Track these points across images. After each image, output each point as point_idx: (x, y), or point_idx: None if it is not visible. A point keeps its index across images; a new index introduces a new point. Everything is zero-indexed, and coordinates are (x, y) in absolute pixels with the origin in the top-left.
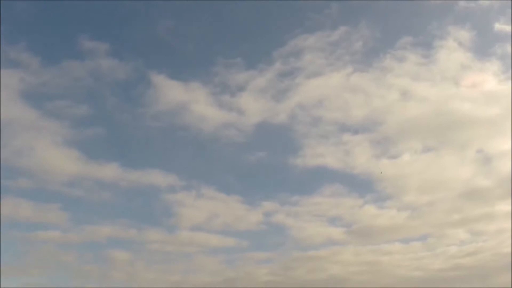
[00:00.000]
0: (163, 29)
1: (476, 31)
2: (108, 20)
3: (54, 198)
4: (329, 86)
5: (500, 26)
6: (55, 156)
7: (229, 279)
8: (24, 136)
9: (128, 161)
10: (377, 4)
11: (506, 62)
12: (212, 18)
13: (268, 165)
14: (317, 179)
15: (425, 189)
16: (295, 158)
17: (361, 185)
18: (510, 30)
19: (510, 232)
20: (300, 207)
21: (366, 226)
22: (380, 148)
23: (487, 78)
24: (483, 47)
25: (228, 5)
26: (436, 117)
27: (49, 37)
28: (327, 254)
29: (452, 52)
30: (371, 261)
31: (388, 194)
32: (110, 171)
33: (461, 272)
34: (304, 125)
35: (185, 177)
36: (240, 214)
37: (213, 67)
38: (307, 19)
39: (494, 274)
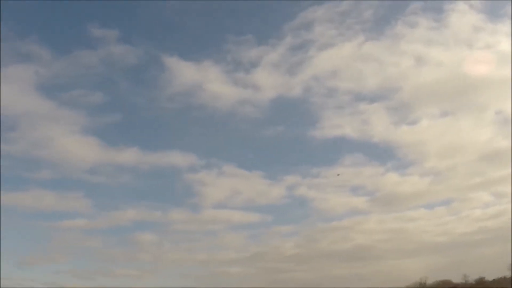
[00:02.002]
0: (171, 10)
1: None
2: (115, 6)
3: (76, 186)
4: (342, 57)
5: None
6: (74, 145)
7: (256, 254)
8: (42, 128)
9: (147, 144)
10: None
11: None
12: None
13: (287, 139)
14: (337, 149)
15: (446, 154)
16: (313, 130)
17: (381, 153)
18: None
19: None
20: (322, 178)
21: (389, 193)
22: (398, 115)
23: (500, 39)
24: (494, 8)
25: None
26: (452, 81)
27: (59, 28)
28: (351, 224)
29: (463, 14)
30: (396, 228)
31: (409, 161)
32: (129, 155)
33: (485, 235)
34: (320, 97)
35: (205, 156)
36: (263, 189)
37: (225, 44)
38: None
39: None
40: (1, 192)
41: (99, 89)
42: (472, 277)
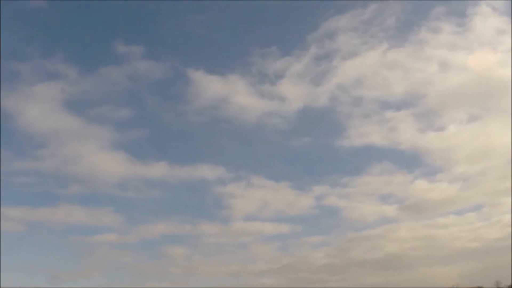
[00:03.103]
0: (195, 25)
1: None
2: (139, 22)
3: (106, 201)
4: (367, 65)
5: None
6: (103, 160)
7: (287, 265)
8: (71, 144)
9: (175, 158)
10: None
11: None
12: (241, 8)
13: (315, 149)
14: (365, 158)
15: (475, 159)
16: (340, 140)
17: (409, 161)
18: None
19: None
20: (351, 187)
21: (419, 201)
22: (425, 121)
23: None
24: None
25: None
26: (478, 85)
27: (84, 46)
28: (382, 232)
29: (486, 17)
30: (427, 235)
31: (438, 167)
32: (158, 169)
33: None
34: (346, 106)
35: (233, 168)
36: (292, 200)
37: (249, 57)
38: (337, 0)
39: None
40: (32, 208)
41: (126, 105)
42: (505, 283)
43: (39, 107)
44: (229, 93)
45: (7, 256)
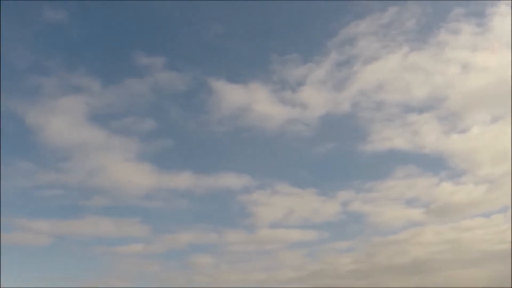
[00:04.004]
0: (215, 34)
1: None
2: (159, 34)
3: (132, 212)
4: (388, 69)
5: None
6: (128, 172)
7: (313, 271)
8: (96, 157)
9: (200, 167)
10: None
11: None
12: (260, 16)
13: (338, 155)
14: (389, 162)
15: (500, 160)
16: (364, 145)
17: (434, 164)
18: None
19: None
20: (376, 192)
21: (445, 204)
22: (448, 124)
23: None
24: None
25: (274, 2)
26: (500, 85)
27: (106, 59)
28: (408, 237)
29: (506, 17)
30: (453, 238)
31: (463, 169)
32: (183, 179)
33: None
34: (368, 111)
35: (258, 176)
36: (317, 206)
37: (270, 65)
38: (355, 5)
39: None
40: (58, 221)
41: (149, 116)
42: None
43: (63, 120)
44: (251, 101)
45: (35, 269)
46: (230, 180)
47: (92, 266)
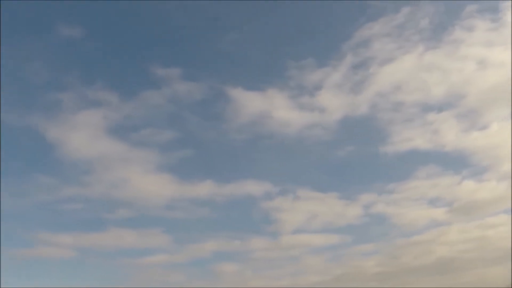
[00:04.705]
0: (229, 43)
1: None
2: (174, 45)
3: (155, 222)
4: (404, 69)
5: None
6: (149, 183)
7: (338, 275)
8: (116, 169)
9: (220, 176)
10: None
11: None
12: (274, 23)
13: (359, 158)
14: (410, 163)
15: None
16: (384, 146)
17: (455, 162)
18: None
19: None
20: (398, 193)
21: (468, 202)
22: (467, 121)
23: None
24: None
25: (287, 7)
26: None
27: (123, 72)
28: (432, 237)
29: None
30: (478, 236)
31: (485, 166)
32: (204, 188)
33: None
34: (387, 112)
35: (279, 182)
36: (339, 210)
37: (286, 71)
38: (369, 7)
39: None
40: (82, 234)
41: (168, 127)
42: None
43: (83, 135)
44: (269, 108)
45: (60, 282)
46: (251, 187)
47: (116, 278)
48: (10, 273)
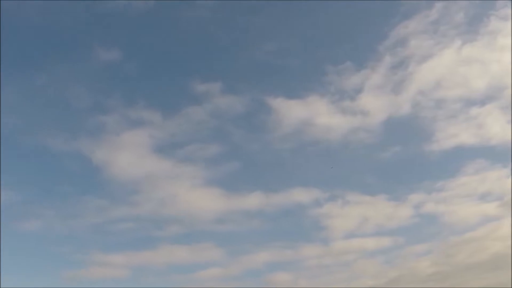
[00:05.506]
0: (266, 53)
1: None
2: (213, 59)
3: (206, 237)
4: (443, 65)
5: None
6: (198, 198)
7: (393, 278)
8: (164, 187)
9: (268, 186)
10: None
11: None
12: (308, 29)
13: (405, 158)
14: (457, 159)
15: None
16: (429, 145)
17: (503, 155)
18: None
19: None
20: (447, 191)
21: None
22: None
23: None
24: None
25: (320, 13)
26: None
27: (164, 90)
28: (485, 233)
29: None
30: None
31: None
32: (253, 200)
33: None
34: (430, 110)
35: (327, 188)
36: (390, 212)
37: (325, 76)
38: (402, 6)
39: None
40: (134, 252)
41: (213, 141)
42: None
43: (129, 155)
44: (311, 115)
45: None
46: (300, 195)
47: None
48: None
